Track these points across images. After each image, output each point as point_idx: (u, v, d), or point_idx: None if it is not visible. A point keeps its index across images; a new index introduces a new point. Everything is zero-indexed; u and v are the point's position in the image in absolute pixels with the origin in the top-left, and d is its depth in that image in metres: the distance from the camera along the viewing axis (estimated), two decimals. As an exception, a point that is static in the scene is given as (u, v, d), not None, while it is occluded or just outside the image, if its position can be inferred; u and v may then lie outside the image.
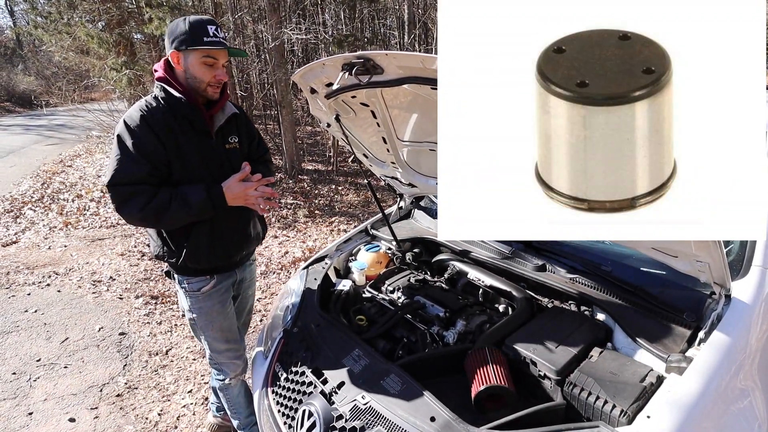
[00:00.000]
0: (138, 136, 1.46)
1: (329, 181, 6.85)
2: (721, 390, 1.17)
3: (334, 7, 10.00)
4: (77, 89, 8.65)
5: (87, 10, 6.48)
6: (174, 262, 1.63)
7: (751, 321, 1.31)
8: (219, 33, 1.50)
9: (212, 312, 1.72)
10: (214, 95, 1.57)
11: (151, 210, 1.46)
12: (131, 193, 1.46)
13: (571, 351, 1.34)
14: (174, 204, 1.48)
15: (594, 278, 1.58)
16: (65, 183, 6.82)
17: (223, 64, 1.55)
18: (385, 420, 1.22)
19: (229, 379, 1.85)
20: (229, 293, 1.79)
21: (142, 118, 1.48)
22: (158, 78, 1.54)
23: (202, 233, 1.60)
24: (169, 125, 1.51)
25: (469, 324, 1.61)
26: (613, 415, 1.13)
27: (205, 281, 1.68)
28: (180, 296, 1.75)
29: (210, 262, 1.65)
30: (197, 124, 1.56)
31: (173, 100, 1.51)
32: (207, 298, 1.70)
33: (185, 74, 1.53)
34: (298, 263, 4.05)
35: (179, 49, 1.49)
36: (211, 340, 1.77)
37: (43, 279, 3.81)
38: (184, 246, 1.59)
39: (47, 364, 2.70)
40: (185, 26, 1.48)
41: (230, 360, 1.83)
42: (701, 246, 1.14)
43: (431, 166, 1.89)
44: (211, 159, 1.60)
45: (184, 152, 1.54)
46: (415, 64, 1.08)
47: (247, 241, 1.77)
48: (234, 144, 1.68)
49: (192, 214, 1.52)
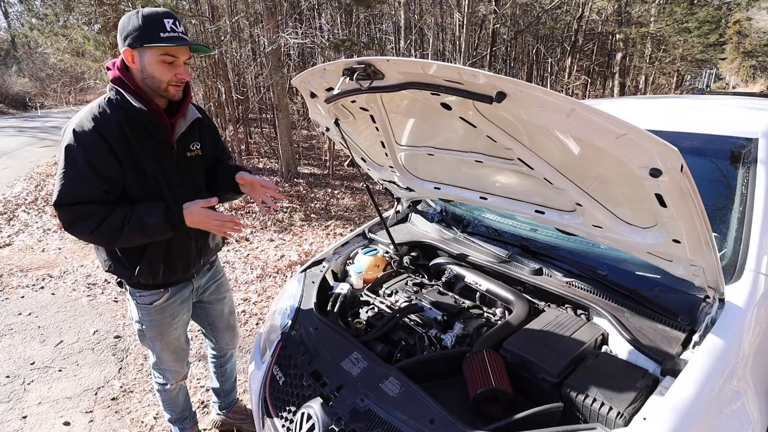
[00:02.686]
0: (90, 149, 1.31)
1: (325, 185, 6.85)
2: (715, 392, 1.18)
3: (331, 12, 10.04)
4: (72, 91, 8.61)
5: (83, 12, 6.46)
6: (127, 278, 1.53)
7: (744, 324, 1.33)
8: (177, 27, 1.35)
9: (162, 325, 1.66)
10: (175, 95, 1.42)
11: (103, 232, 1.35)
12: (83, 213, 1.33)
13: (568, 354, 1.36)
14: (127, 227, 1.36)
15: (590, 282, 1.60)
16: (59, 185, 6.77)
17: (185, 61, 1.40)
18: (384, 423, 1.23)
19: (170, 384, 1.85)
20: (185, 304, 1.72)
21: (95, 128, 1.32)
22: (113, 79, 1.38)
23: (157, 251, 1.50)
24: (124, 135, 1.36)
25: (467, 327, 1.62)
26: (610, 417, 1.14)
27: (159, 294, 1.60)
28: (130, 306, 1.66)
29: (165, 278, 1.57)
30: (157, 134, 1.43)
31: (128, 106, 1.36)
32: (158, 312, 1.63)
33: (141, 74, 1.37)
34: (294, 267, 4.05)
35: (133, 46, 1.32)
36: (159, 350, 1.73)
37: (37, 282, 3.78)
38: (137, 263, 1.48)
39: (41, 368, 2.68)
40: (138, 20, 1.31)
41: (174, 368, 1.82)
42: (696, 250, 1.16)
43: (429, 170, 1.91)
44: (171, 170, 1.48)
45: (142, 165, 1.40)
46: (415, 70, 1.10)
47: (206, 253, 1.70)
48: (196, 151, 1.57)
49: (148, 237, 1.40)
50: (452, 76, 1.01)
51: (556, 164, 1.25)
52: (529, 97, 0.95)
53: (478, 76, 0.95)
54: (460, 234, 2.09)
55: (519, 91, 0.94)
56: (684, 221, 1.06)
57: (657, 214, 1.14)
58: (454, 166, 1.73)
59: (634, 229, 1.31)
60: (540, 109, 0.97)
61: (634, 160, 0.96)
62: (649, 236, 1.26)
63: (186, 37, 1.39)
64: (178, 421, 1.99)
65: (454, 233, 2.11)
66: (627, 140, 0.91)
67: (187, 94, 1.50)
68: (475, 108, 1.18)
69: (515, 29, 12.85)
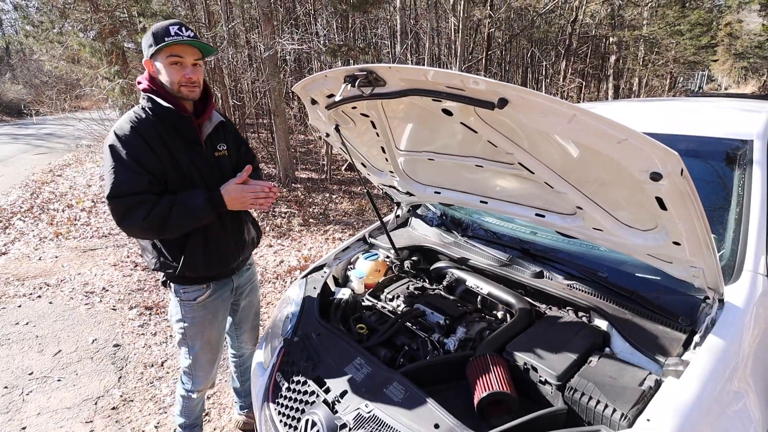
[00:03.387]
0: (131, 146, 1.44)
1: (323, 190, 6.86)
2: (717, 393, 1.19)
3: (326, 17, 10.08)
4: (68, 98, 8.59)
5: (79, 19, 6.46)
6: (171, 273, 1.62)
7: (743, 324, 1.34)
8: (183, 31, 1.47)
9: (204, 322, 1.73)
10: (188, 95, 1.53)
11: (154, 218, 1.44)
12: (134, 203, 1.44)
13: (571, 356, 1.36)
14: (175, 210, 1.47)
15: (591, 284, 1.61)
16: (55, 193, 6.75)
17: (193, 62, 1.51)
18: (389, 428, 1.23)
19: (196, 393, 1.87)
20: (226, 303, 1.81)
21: (133, 129, 1.46)
22: (144, 89, 1.53)
23: (198, 242, 1.60)
24: (160, 135, 1.50)
25: (470, 331, 1.63)
26: (614, 419, 1.15)
27: (201, 290, 1.69)
28: (172, 305, 1.75)
29: (207, 270, 1.66)
30: (187, 134, 1.55)
31: (161, 109, 1.50)
32: (201, 308, 1.71)
33: (161, 80, 1.51)
34: (294, 272, 4.04)
35: (150, 57, 1.49)
36: (198, 350, 1.77)
37: (34, 290, 3.76)
38: (181, 256, 1.59)
39: (40, 378, 2.66)
40: (150, 34, 1.48)
41: (206, 372, 1.84)
42: (696, 252, 1.17)
43: (429, 174, 1.92)
44: (203, 167, 1.60)
45: (178, 162, 1.53)
46: (417, 77, 1.11)
47: (243, 247, 1.78)
48: (223, 151, 1.69)
49: (194, 219, 1.51)
50: (454, 82, 1.02)
51: (556, 168, 1.26)
52: (530, 104, 0.96)
53: (479, 83, 0.97)
54: (460, 238, 2.10)
55: (521, 97, 0.95)
56: (684, 223, 1.07)
57: (657, 216, 1.15)
58: (454, 171, 1.75)
59: (635, 232, 1.32)
60: (541, 115, 0.98)
61: (634, 164, 0.97)
62: (650, 238, 1.28)
63: (189, 39, 1.48)
64: (189, 427, 2.02)
65: (455, 237, 2.12)
66: (627, 145, 0.92)
67: (209, 97, 1.63)
68: (476, 114, 1.19)
69: (510, 33, 12.95)
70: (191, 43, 1.49)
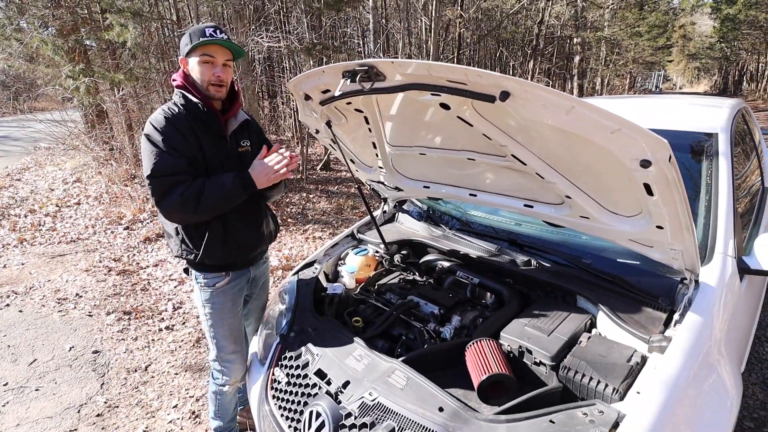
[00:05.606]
0: (168, 134, 1.54)
1: (299, 189, 6.80)
2: (697, 366, 1.29)
3: (296, 15, 9.98)
4: (27, 98, 8.16)
5: (37, 15, 6.16)
6: (192, 259, 1.70)
7: (717, 302, 1.45)
8: (217, 34, 1.56)
9: (224, 309, 1.77)
10: (216, 94, 1.62)
11: (190, 196, 1.52)
12: (172, 182, 1.53)
13: (562, 338, 1.44)
14: (208, 188, 1.55)
15: (576, 270, 1.69)
16: (15, 198, 6.41)
17: (224, 63, 1.60)
18: (395, 414, 1.26)
19: (229, 384, 1.86)
20: (242, 292, 1.85)
21: (167, 120, 1.56)
22: (177, 86, 1.62)
23: (217, 232, 1.67)
24: (191, 128, 1.59)
25: (464, 319, 1.68)
26: (606, 393, 1.23)
27: (221, 277, 1.75)
28: (195, 293, 1.81)
29: (225, 259, 1.72)
30: (214, 128, 1.64)
31: (191, 105, 1.60)
32: (220, 294, 1.76)
33: (193, 78, 1.61)
34: (275, 272, 4.01)
35: (186, 55, 1.60)
36: (220, 338, 1.80)
37: (0, 299, 3.58)
38: (201, 244, 1.66)
39: (16, 388, 2.54)
40: (188, 34, 1.59)
41: (236, 363, 1.85)
42: (677, 235, 1.26)
43: (419, 169, 1.96)
44: (227, 160, 1.68)
45: (205, 154, 1.63)
46: (419, 72, 1.14)
47: (260, 240, 1.84)
48: (246, 147, 1.76)
49: (227, 197, 1.58)
50: (457, 77, 1.06)
51: (548, 159, 1.33)
52: (533, 96, 1.01)
53: (482, 76, 1.01)
54: (448, 231, 2.15)
55: (524, 90, 1.00)
56: (668, 208, 1.15)
57: (643, 202, 1.24)
58: (444, 165, 1.79)
59: (620, 218, 1.41)
60: (542, 107, 1.03)
61: (626, 152, 1.04)
62: (635, 224, 1.36)
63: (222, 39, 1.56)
64: (224, 431, 1.99)
65: (443, 230, 2.18)
66: (621, 134, 0.99)
67: (236, 96, 1.73)
68: (473, 107, 1.24)
69: (478, 33, 13.19)
70: (223, 43, 1.58)
